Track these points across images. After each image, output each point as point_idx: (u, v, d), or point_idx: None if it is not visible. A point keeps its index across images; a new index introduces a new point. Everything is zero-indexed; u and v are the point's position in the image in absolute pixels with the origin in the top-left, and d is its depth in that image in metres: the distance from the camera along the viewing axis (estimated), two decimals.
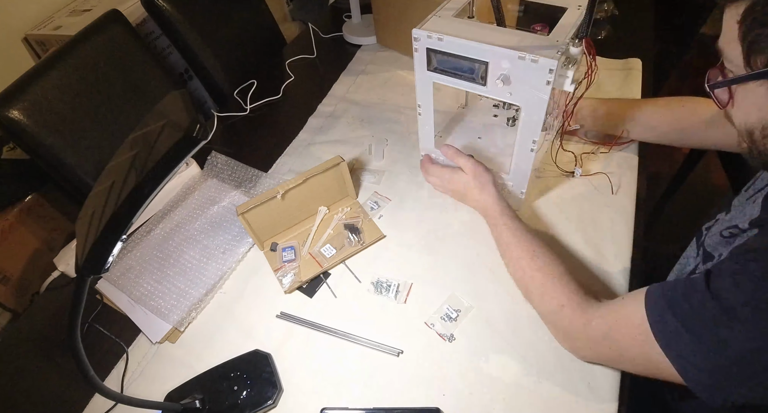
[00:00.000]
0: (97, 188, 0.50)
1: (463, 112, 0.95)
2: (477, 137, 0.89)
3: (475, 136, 0.89)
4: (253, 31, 1.41)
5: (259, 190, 0.96)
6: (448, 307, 0.73)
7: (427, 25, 0.68)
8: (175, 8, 1.20)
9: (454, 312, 0.72)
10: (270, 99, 1.18)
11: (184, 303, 0.78)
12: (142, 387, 0.70)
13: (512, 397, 0.63)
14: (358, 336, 0.72)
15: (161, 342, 0.74)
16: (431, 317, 0.72)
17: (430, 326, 0.71)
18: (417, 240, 0.83)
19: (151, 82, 1.19)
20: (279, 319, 0.75)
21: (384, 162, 0.98)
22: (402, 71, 1.21)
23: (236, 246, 0.85)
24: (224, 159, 1.02)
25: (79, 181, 1.02)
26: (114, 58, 1.11)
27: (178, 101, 0.48)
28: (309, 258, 0.81)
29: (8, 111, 0.92)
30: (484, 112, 0.94)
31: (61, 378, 0.73)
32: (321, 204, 0.87)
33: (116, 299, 0.80)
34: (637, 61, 1.11)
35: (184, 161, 0.44)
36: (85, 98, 1.04)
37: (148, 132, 0.48)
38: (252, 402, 0.65)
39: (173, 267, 0.83)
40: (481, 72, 0.66)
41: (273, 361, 0.70)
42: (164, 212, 0.93)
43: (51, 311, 0.83)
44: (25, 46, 1.43)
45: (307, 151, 1.03)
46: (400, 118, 1.08)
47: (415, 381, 0.66)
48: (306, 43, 1.34)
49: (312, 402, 0.66)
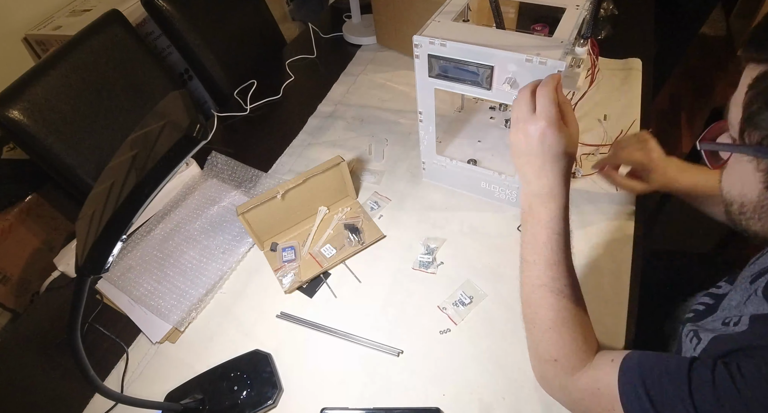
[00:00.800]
0: (97, 188, 0.50)
1: (460, 115, 0.95)
2: (477, 141, 0.89)
3: (475, 140, 0.89)
4: (253, 31, 1.41)
5: (259, 190, 0.96)
6: (457, 300, 0.73)
7: (428, 31, 0.67)
8: (175, 8, 1.20)
9: (464, 303, 0.72)
10: (270, 99, 1.18)
11: (184, 303, 0.78)
12: (142, 387, 0.70)
13: (512, 397, 0.63)
14: (358, 336, 0.72)
15: (161, 342, 0.74)
16: (445, 301, 0.72)
17: (442, 309, 0.72)
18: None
19: (151, 82, 1.19)
20: (279, 319, 0.75)
21: (384, 162, 0.98)
22: (402, 71, 1.21)
23: (236, 246, 0.85)
24: (224, 159, 1.02)
25: (79, 181, 1.02)
26: (114, 58, 1.11)
27: (178, 101, 0.48)
28: (309, 258, 0.81)
29: (8, 111, 0.92)
30: (482, 114, 0.94)
31: (61, 378, 0.73)
32: (321, 204, 0.87)
33: (116, 299, 0.80)
34: (637, 61, 1.11)
35: (184, 161, 0.44)
36: (85, 98, 1.04)
37: (148, 132, 0.48)
38: (252, 402, 0.65)
39: (173, 267, 0.83)
40: (486, 76, 0.65)
41: (273, 361, 0.70)
42: (164, 212, 0.93)
43: (51, 311, 0.83)
44: (25, 46, 1.43)
45: (307, 151, 1.03)
46: (400, 118, 1.08)
47: (415, 381, 0.66)
48: (306, 43, 1.34)
49: (312, 402, 0.66)
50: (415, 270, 0.78)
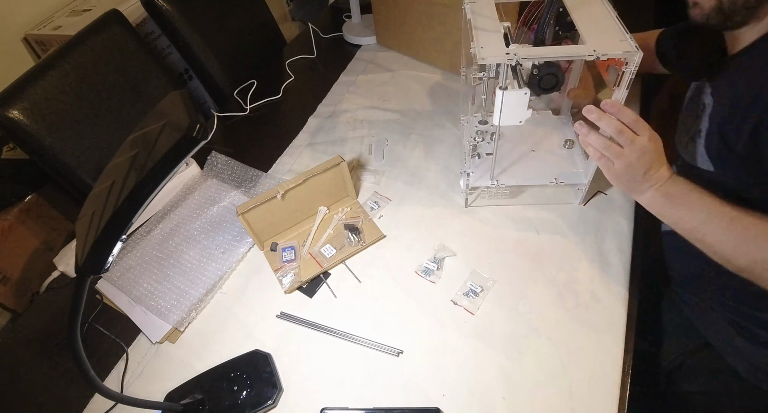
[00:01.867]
0: (97, 188, 0.50)
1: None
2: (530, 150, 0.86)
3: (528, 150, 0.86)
4: (253, 31, 1.41)
5: (259, 190, 0.96)
6: (467, 291, 0.73)
7: None
8: (175, 8, 1.20)
9: (476, 293, 0.72)
10: (270, 99, 1.18)
11: (184, 303, 0.78)
12: (142, 387, 0.70)
13: (512, 397, 0.63)
14: (358, 336, 0.72)
15: (161, 342, 0.74)
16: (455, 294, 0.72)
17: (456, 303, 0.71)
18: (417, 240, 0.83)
19: (151, 82, 1.19)
20: (279, 319, 0.75)
21: (384, 162, 0.98)
22: (402, 71, 1.21)
23: (236, 246, 0.85)
24: (224, 159, 1.02)
25: (79, 181, 1.02)
26: (114, 58, 1.11)
27: (178, 101, 0.48)
28: (309, 258, 0.81)
29: (8, 111, 0.92)
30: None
31: (61, 378, 0.73)
32: (321, 204, 0.87)
33: (116, 299, 0.80)
34: None
35: (184, 161, 0.44)
36: (85, 98, 1.04)
37: (148, 132, 0.48)
38: (252, 402, 0.65)
39: (173, 267, 0.83)
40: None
41: (273, 361, 0.70)
42: (164, 212, 0.93)
43: (51, 311, 0.83)
44: (25, 46, 1.43)
45: (307, 151, 1.03)
46: (400, 118, 1.08)
47: (415, 381, 0.66)
48: (306, 43, 1.34)
49: (312, 402, 0.66)
50: (417, 274, 0.78)
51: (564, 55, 0.61)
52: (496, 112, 0.65)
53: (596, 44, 0.60)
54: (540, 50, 0.62)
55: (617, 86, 0.61)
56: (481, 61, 0.61)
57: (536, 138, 0.88)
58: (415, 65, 1.22)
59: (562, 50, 0.62)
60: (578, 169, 0.81)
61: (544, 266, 0.76)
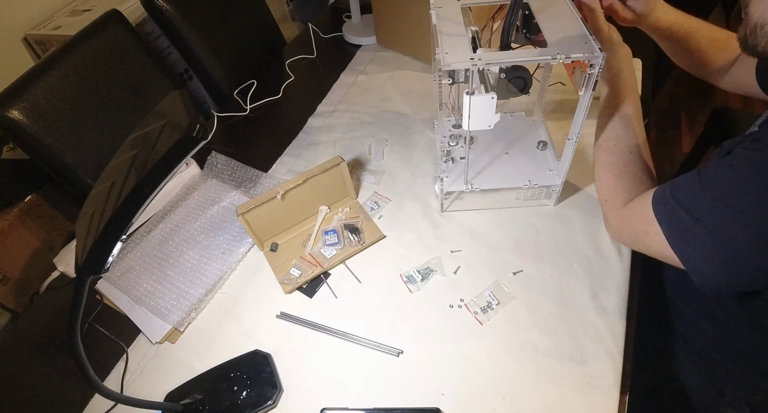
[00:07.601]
0: (97, 188, 0.50)
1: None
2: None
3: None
4: (253, 31, 1.41)
5: (259, 190, 0.96)
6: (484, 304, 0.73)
7: None
8: (175, 8, 1.20)
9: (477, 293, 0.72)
10: (270, 99, 1.18)
11: (184, 303, 0.78)
12: (142, 387, 0.70)
13: (512, 397, 0.63)
14: (358, 336, 0.72)
15: (161, 342, 0.74)
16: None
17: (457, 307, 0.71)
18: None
19: (151, 82, 1.19)
20: (279, 319, 0.75)
21: (384, 162, 0.98)
22: (402, 71, 1.21)
23: (236, 246, 0.85)
24: (224, 159, 1.02)
25: (79, 181, 1.02)
26: (114, 58, 1.11)
27: (178, 101, 0.48)
28: (309, 258, 0.81)
29: (8, 111, 0.92)
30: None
31: (61, 378, 0.73)
32: (321, 204, 0.87)
33: (116, 299, 0.80)
34: (636, 61, 1.10)
35: (184, 161, 0.44)
36: (85, 98, 1.04)
37: (148, 132, 0.48)
38: (252, 403, 0.65)
39: (173, 268, 0.83)
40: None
41: (273, 361, 0.70)
42: (164, 212, 0.93)
43: (51, 311, 0.83)
44: (24, 46, 1.43)
45: (307, 151, 1.03)
46: (400, 118, 1.08)
47: (415, 381, 0.66)
48: (306, 43, 1.34)
49: (312, 402, 0.66)
50: (417, 274, 0.77)
51: (528, 59, 0.61)
52: (464, 117, 0.64)
53: (560, 47, 0.60)
54: (504, 54, 0.62)
55: (584, 88, 0.62)
56: (445, 67, 0.60)
57: (509, 140, 0.88)
58: (415, 65, 1.22)
59: (526, 54, 0.62)
60: (551, 171, 0.81)
61: (544, 266, 0.76)
